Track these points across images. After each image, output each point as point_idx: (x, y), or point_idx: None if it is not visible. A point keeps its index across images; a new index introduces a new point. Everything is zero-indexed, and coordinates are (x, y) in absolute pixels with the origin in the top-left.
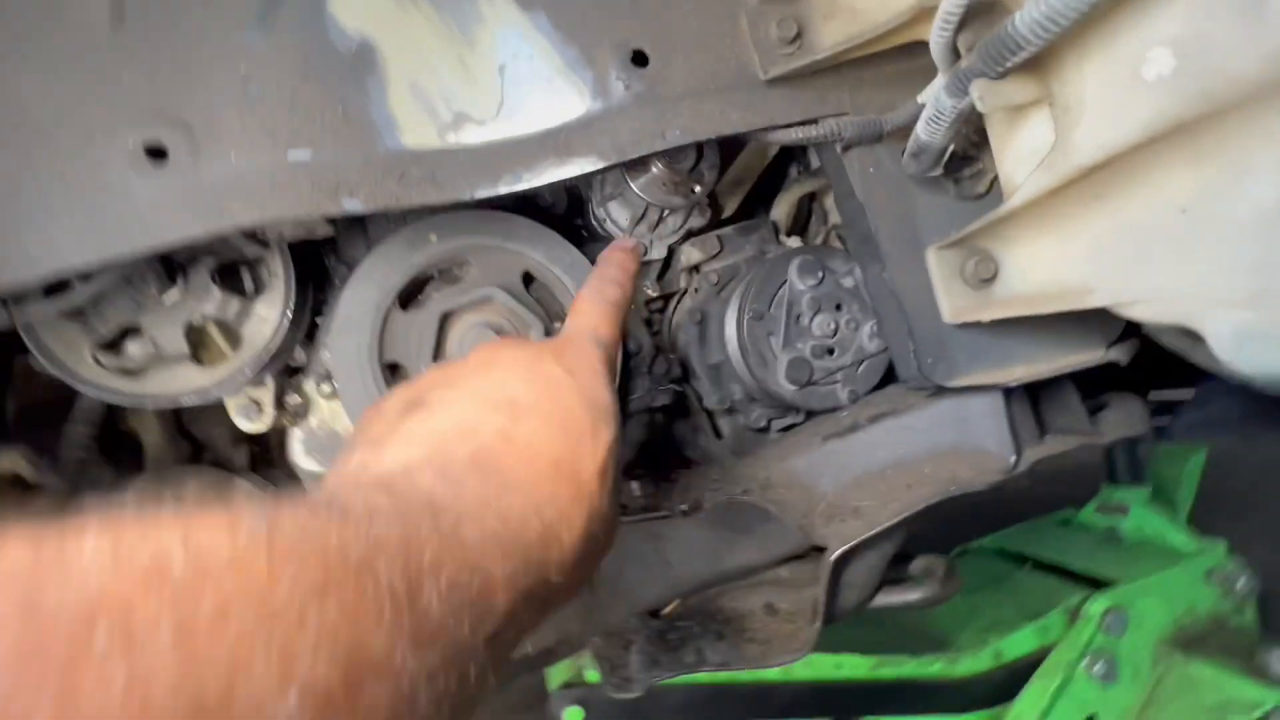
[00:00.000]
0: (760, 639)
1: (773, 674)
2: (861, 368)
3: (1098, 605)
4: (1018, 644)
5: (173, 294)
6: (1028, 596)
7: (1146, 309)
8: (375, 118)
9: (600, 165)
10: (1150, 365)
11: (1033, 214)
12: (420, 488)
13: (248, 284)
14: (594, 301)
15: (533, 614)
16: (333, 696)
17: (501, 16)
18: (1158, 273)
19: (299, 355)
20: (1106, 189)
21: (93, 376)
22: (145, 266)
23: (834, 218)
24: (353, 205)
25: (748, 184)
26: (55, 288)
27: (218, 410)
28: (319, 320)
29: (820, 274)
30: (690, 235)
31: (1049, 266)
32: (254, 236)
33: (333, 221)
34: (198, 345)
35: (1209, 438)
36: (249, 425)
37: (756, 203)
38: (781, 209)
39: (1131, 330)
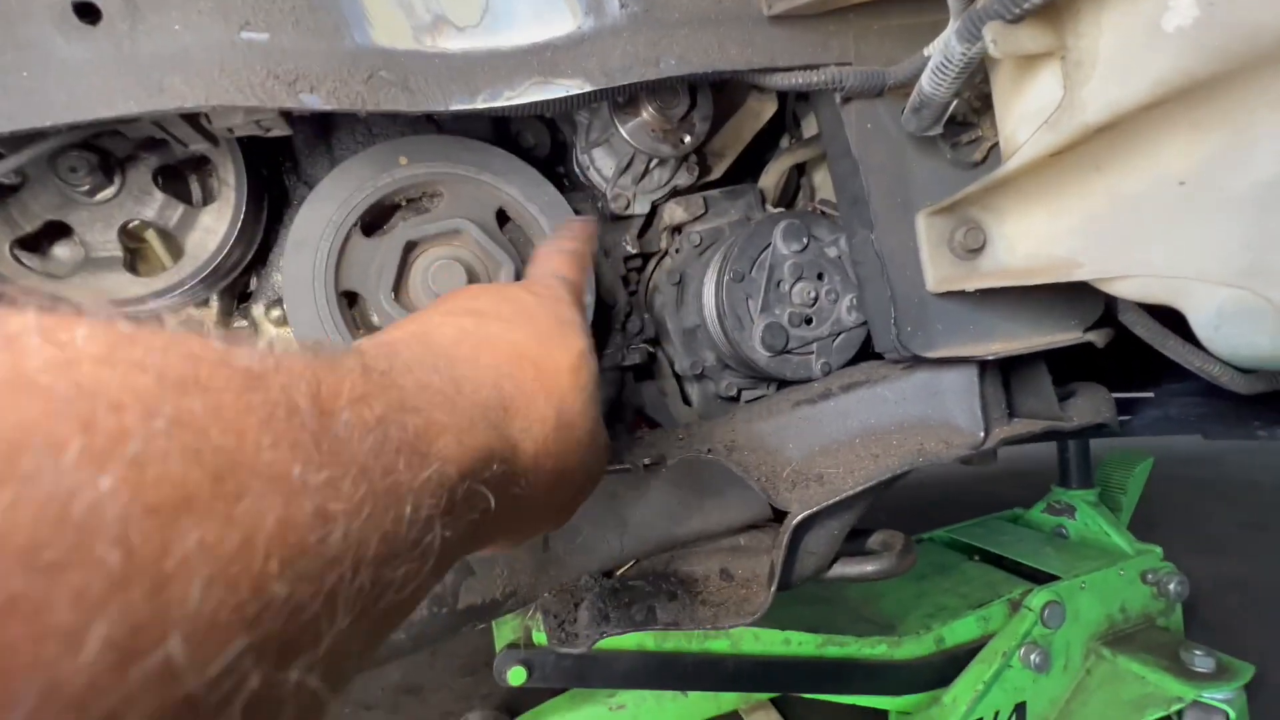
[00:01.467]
0: (713, 602)
1: (720, 645)
2: (838, 340)
3: (1039, 598)
4: (960, 631)
5: (108, 191)
6: (973, 586)
7: (1132, 284)
8: (344, 7)
9: (587, 89)
10: (1115, 367)
11: (1028, 182)
12: (350, 351)
13: (195, 194)
14: (553, 251)
15: (503, 503)
16: (190, 492)
17: None
18: (1148, 248)
19: (249, 280)
20: (1106, 160)
21: (10, 273)
22: (76, 155)
23: (821, 192)
24: (312, 101)
25: (738, 148)
26: None
27: None
28: (273, 242)
29: (805, 240)
30: (675, 193)
31: (1038, 239)
32: (200, 129)
33: (293, 128)
34: (134, 253)
35: (1167, 434)
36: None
37: (745, 169)
38: (770, 178)
39: (1108, 319)
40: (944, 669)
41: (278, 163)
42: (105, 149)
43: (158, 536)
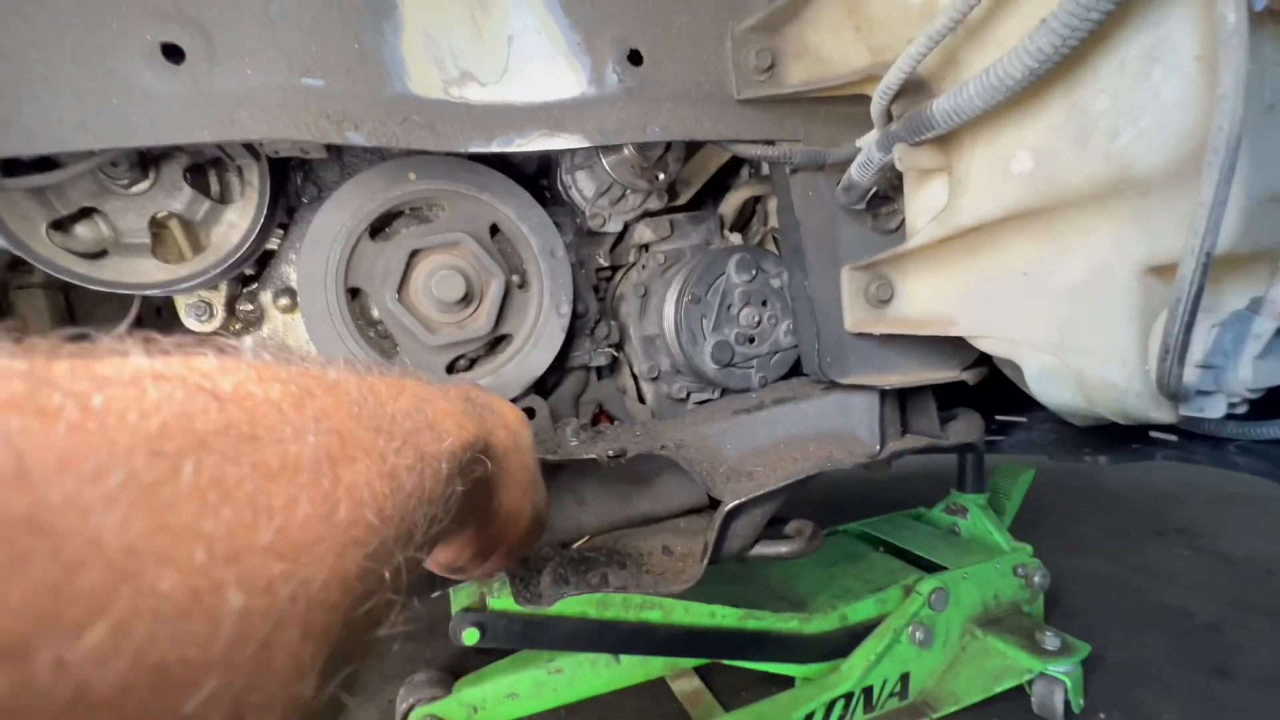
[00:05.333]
0: (655, 572)
1: (653, 615)
2: (775, 358)
3: (928, 585)
4: (861, 610)
5: (142, 185)
6: (876, 573)
7: (991, 343)
8: (388, 60)
9: (585, 144)
10: (1004, 393)
11: (924, 256)
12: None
13: (214, 188)
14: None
15: (480, 485)
16: (333, 456)
17: None
18: (1000, 316)
19: (255, 266)
20: (976, 248)
21: (48, 253)
22: (122, 155)
23: (773, 221)
24: (355, 138)
25: (704, 178)
26: (34, 164)
27: (115, 308)
28: (281, 235)
29: (754, 272)
30: (646, 215)
31: (929, 299)
32: (249, 146)
33: (327, 147)
34: (155, 239)
35: (1029, 454)
36: (198, 325)
37: (708, 195)
38: (729, 205)
39: (983, 360)
40: (845, 642)
41: (290, 167)
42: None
43: (332, 471)
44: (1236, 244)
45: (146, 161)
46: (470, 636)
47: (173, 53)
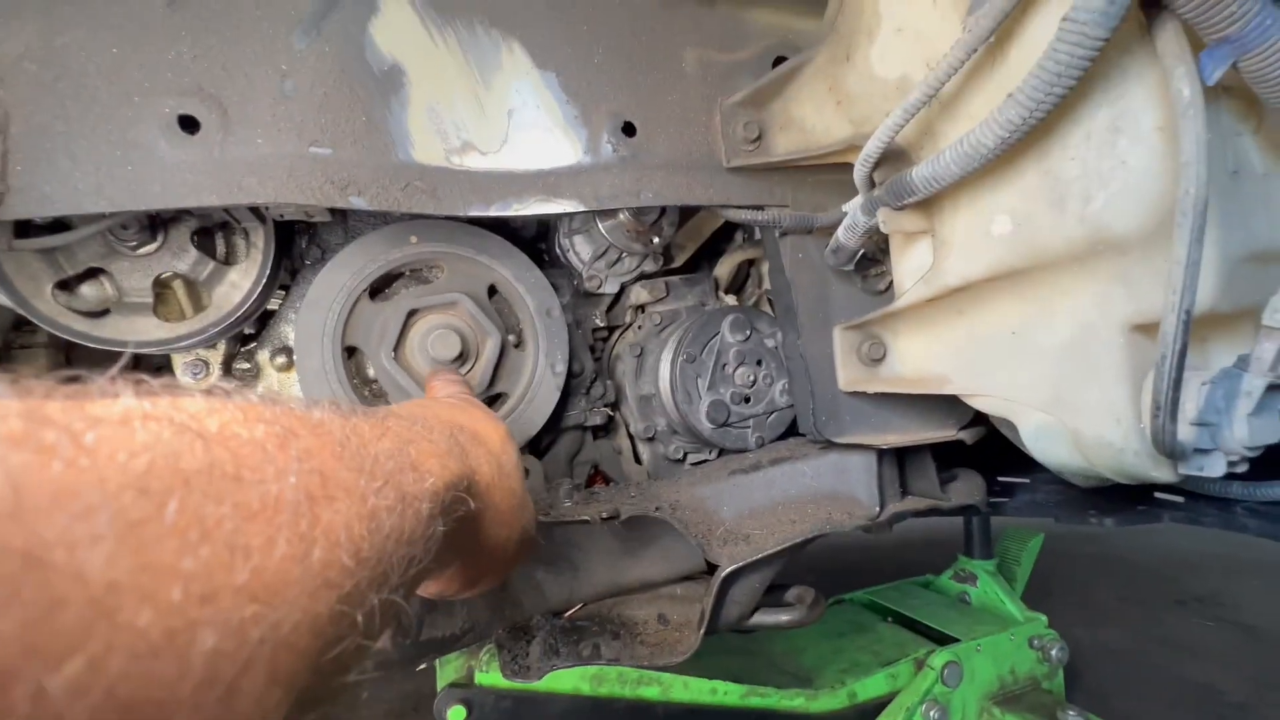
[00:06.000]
0: (651, 642)
1: (651, 692)
2: (771, 418)
3: (939, 659)
4: (870, 687)
5: (150, 246)
6: (884, 645)
7: (985, 401)
8: (393, 131)
9: (580, 209)
10: (1006, 453)
11: (913, 316)
12: (364, 409)
13: (219, 249)
14: (446, 381)
15: (464, 523)
16: (313, 496)
17: (518, 68)
18: (993, 375)
19: (253, 326)
20: (964, 307)
21: (50, 312)
22: (132, 218)
23: (767, 283)
24: (359, 202)
25: (699, 241)
26: (45, 226)
27: (109, 363)
28: (281, 296)
29: (749, 332)
30: (642, 277)
31: (922, 358)
32: (255, 210)
33: (331, 211)
34: (158, 299)
35: (1034, 516)
36: (193, 383)
37: (703, 258)
38: (724, 268)
39: (980, 419)
40: None
41: (295, 230)
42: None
43: (310, 512)
44: (1217, 303)
45: (155, 224)
46: (456, 715)
47: (189, 124)
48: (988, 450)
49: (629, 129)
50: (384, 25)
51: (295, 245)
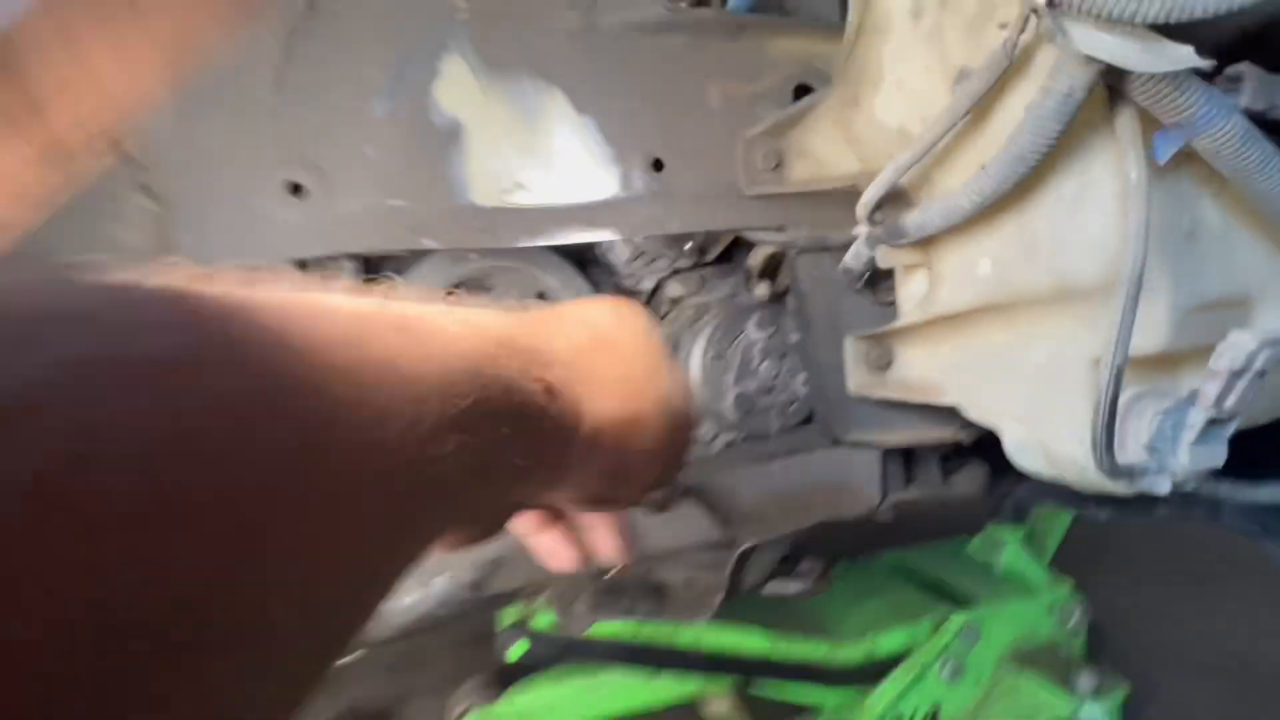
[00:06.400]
0: (680, 601)
1: (686, 638)
2: (792, 407)
3: (957, 619)
4: (890, 642)
5: None
6: (908, 605)
7: (975, 412)
8: (455, 179)
9: (616, 237)
10: None
11: (914, 332)
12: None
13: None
14: None
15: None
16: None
17: (560, 114)
18: (980, 389)
19: None
20: (958, 328)
21: None
22: None
23: None
24: (429, 243)
25: (730, 236)
26: None
27: None
28: None
29: (773, 329)
30: (676, 272)
31: (924, 367)
32: None
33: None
34: None
35: (1041, 504)
36: None
37: (738, 246)
38: (756, 258)
39: None
40: (873, 673)
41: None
42: None
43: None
44: (1171, 345)
45: None
46: (516, 651)
47: (296, 189)
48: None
49: (658, 165)
50: (445, 86)
51: (380, 268)
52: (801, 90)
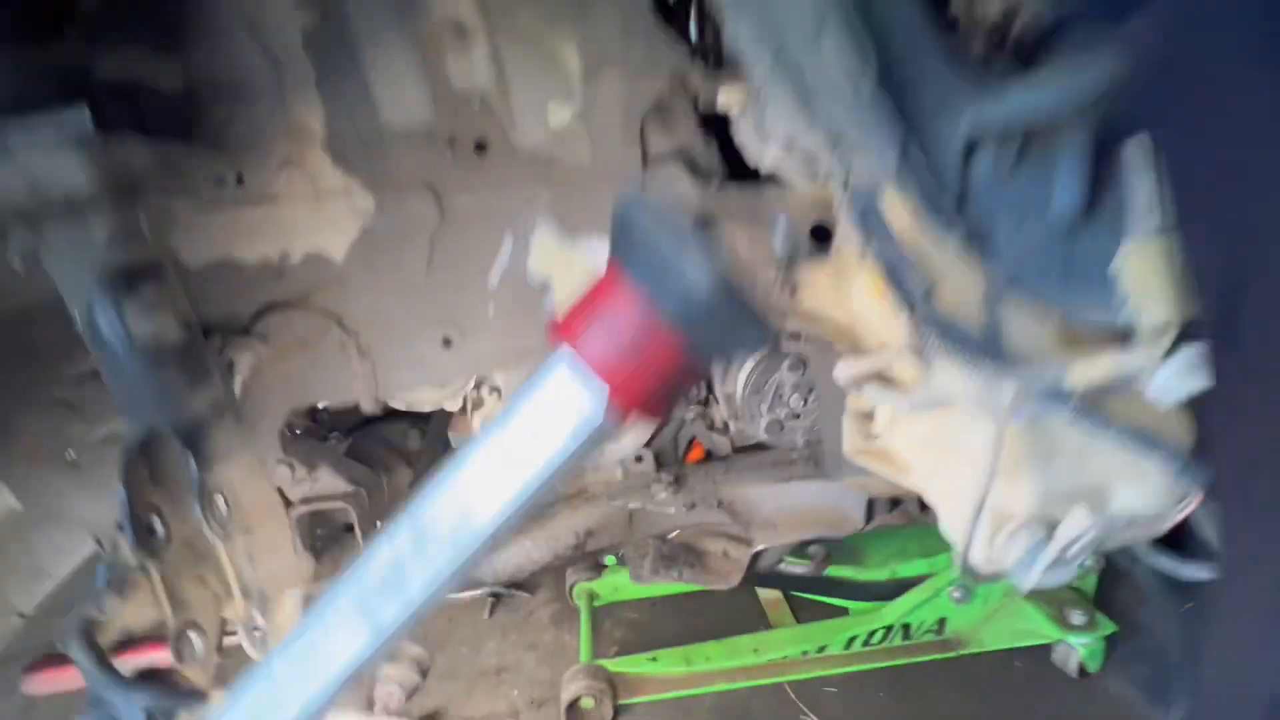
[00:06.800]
0: (713, 572)
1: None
2: (814, 429)
3: None
4: (910, 568)
5: None
6: (931, 541)
7: (927, 497)
8: (549, 316)
9: None
10: None
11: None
12: None
13: None
14: None
15: None
16: None
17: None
18: (930, 481)
19: None
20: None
21: None
22: None
23: None
24: (533, 362)
25: None
26: None
27: None
28: None
29: (803, 370)
30: None
31: (900, 444)
32: None
33: None
34: None
35: None
36: (450, 404)
37: None
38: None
39: None
40: (893, 591)
41: None
42: None
43: None
44: (1040, 510)
45: None
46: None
47: (447, 342)
48: None
49: None
50: (537, 255)
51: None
52: (818, 231)
